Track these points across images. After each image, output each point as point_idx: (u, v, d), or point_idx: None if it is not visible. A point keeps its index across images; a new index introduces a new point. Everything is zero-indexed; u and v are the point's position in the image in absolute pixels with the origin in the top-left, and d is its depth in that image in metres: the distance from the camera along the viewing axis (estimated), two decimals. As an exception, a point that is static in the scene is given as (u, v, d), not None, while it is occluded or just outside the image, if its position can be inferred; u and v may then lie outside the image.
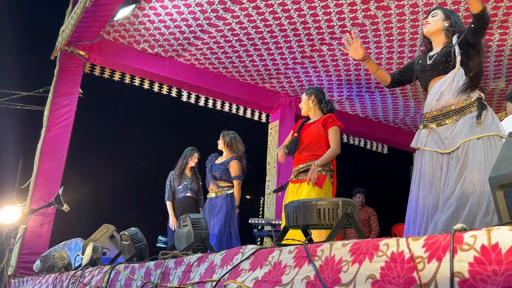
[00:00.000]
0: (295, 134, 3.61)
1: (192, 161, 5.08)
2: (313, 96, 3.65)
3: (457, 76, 2.35)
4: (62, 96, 5.42)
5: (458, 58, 2.37)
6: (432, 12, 2.61)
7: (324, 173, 3.31)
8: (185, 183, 4.97)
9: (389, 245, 1.08)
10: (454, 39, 2.44)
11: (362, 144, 7.89)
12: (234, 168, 4.44)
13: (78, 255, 3.94)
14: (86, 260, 3.32)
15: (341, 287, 1.11)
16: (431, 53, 2.58)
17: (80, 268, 3.29)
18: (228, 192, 4.40)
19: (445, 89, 2.36)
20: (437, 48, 2.56)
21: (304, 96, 3.69)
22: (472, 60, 2.38)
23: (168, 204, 4.88)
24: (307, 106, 3.64)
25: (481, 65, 2.43)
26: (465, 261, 0.90)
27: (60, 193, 4.64)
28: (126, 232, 2.87)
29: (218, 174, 4.44)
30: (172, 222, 4.82)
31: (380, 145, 8.03)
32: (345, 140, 7.73)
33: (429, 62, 2.51)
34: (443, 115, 2.38)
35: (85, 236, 4.74)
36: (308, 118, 3.73)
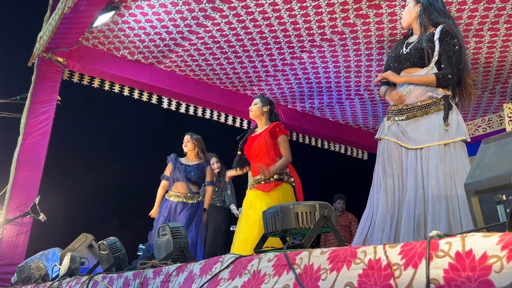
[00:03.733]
0: (239, 152, 3.71)
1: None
2: (268, 106, 3.70)
3: (428, 74, 2.34)
4: (39, 103, 5.32)
5: (436, 58, 2.34)
6: (406, 2, 2.57)
7: (273, 180, 3.36)
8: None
9: (366, 253, 1.08)
10: (437, 34, 2.38)
11: (342, 150, 7.96)
12: (210, 174, 4.58)
13: (56, 265, 3.86)
14: (64, 270, 3.26)
15: (320, 295, 1.11)
16: (409, 40, 2.53)
17: (57, 278, 3.22)
18: (199, 199, 4.48)
19: (414, 85, 2.37)
20: (416, 35, 2.51)
21: (258, 102, 3.70)
22: (444, 60, 2.35)
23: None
24: (260, 111, 3.65)
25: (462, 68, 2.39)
26: (440, 267, 0.92)
27: (37, 202, 4.54)
28: (104, 242, 2.82)
29: (195, 177, 4.44)
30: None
31: (360, 151, 8.12)
32: (326, 146, 7.79)
33: (405, 51, 2.47)
34: (409, 109, 2.37)
35: (63, 246, 4.66)
36: (251, 130, 3.76)
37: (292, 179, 3.45)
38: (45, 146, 5.24)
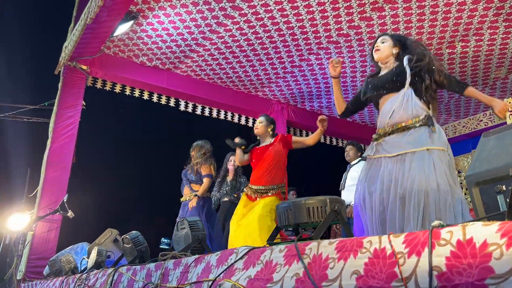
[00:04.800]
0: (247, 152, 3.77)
1: (229, 165, 5.30)
2: (272, 125, 3.77)
3: (406, 95, 2.34)
4: (66, 108, 5.39)
5: (408, 80, 2.36)
6: (381, 38, 2.58)
7: (273, 193, 3.41)
8: (226, 188, 5.14)
9: (372, 242, 1.08)
10: (405, 61, 2.41)
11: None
12: (205, 169, 4.71)
13: (84, 258, 3.90)
14: (91, 263, 3.30)
15: (328, 283, 1.11)
16: (381, 74, 2.56)
17: (85, 271, 3.26)
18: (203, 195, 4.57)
19: (397, 107, 2.36)
20: (385, 71, 2.54)
21: (263, 120, 3.75)
22: (423, 81, 2.38)
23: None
24: (266, 129, 3.71)
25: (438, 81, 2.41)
26: (442, 255, 0.91)
27: (65, 200, 4.60)
28: (128, 236, 2.85)
29: (194, 177, 4.64)
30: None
31: (368, 147, 8.06)
32: (334, 143, 7.75)
33: (379, 81, 2.51)
34: (395, 131, 2.38)
35: (90, 240, 4.70)
36: (255, 144, 3.78)
37: (284, 192, 3.49)
38: (72, 148, 5.31)
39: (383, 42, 2.55)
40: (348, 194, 4.55)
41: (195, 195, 4.52)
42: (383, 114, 2.44)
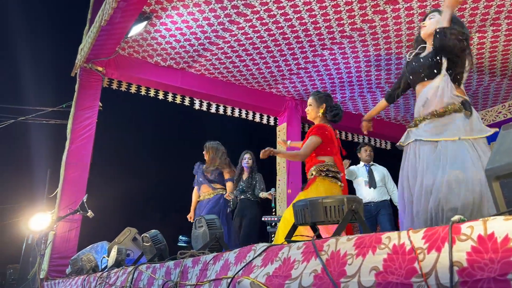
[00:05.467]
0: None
1: (244, 163, 5.43)
2: (324, 104, 3.36)
3: (442, 83, 2.28)
4: (83, 109, 5.47)
5: (444, 65, 2.29)
6: (429, 15, 2.49)
7: (315, 174, 3.22)
8: (243, 186, 5.20)
9: (391, 238, 1.07)
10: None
11: (366, 141, 7.84)
12: (228, 173, 4.89)
13: (104, 257, 3.96)
14: (112, 261, 3.35)
15: (347, 279, 1.10)
16: (422, 55, 2.48)
17: (106, 269, 3.31)
18: (218, 193, 4.69)
19: (431, 95, 2.30)
20: (428, 50, 2.46)
21: (313, 102, 3.40)
22: (456, 66, 2.31)
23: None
24: (316, 114, 3.39)
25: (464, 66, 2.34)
26: (463, 250, 0.89)
27: (85, 200, 4.67)
28: (147, 234, 2.88)
29: (214, 177, 4.77)
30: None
31: (383, 141, 7.99)
32: (350, 138, 7.70)
33: (419, 64, 2.43)
34: (428, 118, 2.33)
35: (110, 239, 4.77)
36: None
37: (328, 173, 3.23)
38: (90, 148, 5.39)
39: (431, 19, 2.46)
40: (379, 192, 4.97)
41: (243, 190, 4.65)
42: (418, 102, 2.39)
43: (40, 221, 5.61)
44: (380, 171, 5.22)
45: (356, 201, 1.56)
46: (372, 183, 5.13)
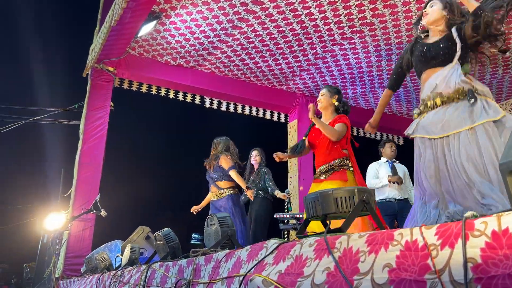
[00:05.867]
0: (304, 138, 3.57)
1: (252, 160, 5.38)
2: (336, 96, 3.45)
3: (452, 70, 2.27)
4: (95, 110, 5.52)
5: (458, 54, 2.28)
6: (430, 2, 2.49)
7: (343, 168, 3.24)
8: (250, 182, 5.17)
9: (403, 235, 1.06)
10: (454, 32, 2.32)
11: (378, 137, 7.79)
12: (225, 162, 4.51)
13: (118, 256, 4.00)
14: (125, 260, 3.38)
15: (360, 276, 1.10)
16: (428, 41, 2.45)
17: (120, 268, 3.35)
18: (228, 193, 4.48)
19: (440, 81, 2.29)
20: (434, 37, 2.44)
21: (326, 92, 3.46)
22: (467, 54, 2.31)
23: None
24: (328, 103, 3.43)
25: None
26: (477, 246, 0.88)
27: (98, 199, 4.73)
28: (159, 233, 2.90)
29: (217, 176, 4.54)
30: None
31: (396, 136, 7.92)
32: (361, 134, 7.65)
33: (429, 51, 2.40)
34: (434, 106, 2.32)
35: (123, 238, 4.82)
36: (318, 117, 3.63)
37: (350, 165, 3.26)
38: (102, 148, 5.44)
39: (432, 6, 2.47)
40: (401, 190, 4.88)
41: (247, 187, 4.49)
42: (425, 88, 2.38)
43: (55, 221, 5.69)
44: (401, 169, 5.12)
45: (367, 192, 1.55)
46: (399, 178, 5.02)
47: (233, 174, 4.44)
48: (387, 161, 5.15)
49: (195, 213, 4.76)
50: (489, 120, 2.11)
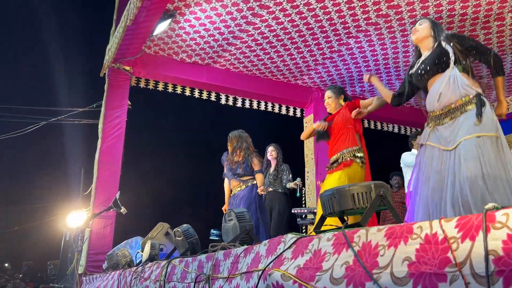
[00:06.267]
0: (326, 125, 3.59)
1: (268, 156, 5.42)
2: (342, 96, 3.56)
3: (452, 76, 2.33)
4: (112, 109, 5.59)
5: (452, 59, 2.36)
6: (419, 21, 2.67)
7: (351, 158, 3.25)
8: (270, 179, 5.18)
9: (422, 228, 1.05)
10: (443, 41, 2.44)
11: (396, 130, 7.70)
12: (257, 164, 4.60)
13: (139, 252, 4.06)
14: (146, 256, 3.42)
15: (379, 270, 1.09)
16: (421, 59, 2.59)
17: (141, 264, 3.39)
18: (248, 184, 4.51)
19: (443, 89, 2.35)
20: (425, 52, 2.57)
21: (332, 94, 3.55)
22: (466, 57, 2.38)
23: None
24: (337, 104, 3.53)
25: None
26: (498, 239, 0.87)
27: (117, 197, 4.79)
28: (179, 229, 2.93)
29: (242, 171, 4.56)
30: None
31: (414, 129, 7.81)
32: (379, 127, 7.57)
33: (422, 66, 2.53)
34: (445, 114, 2.37)
35: (143, 235, 4.88)
36: (327, 117, 3.68)
37: (360, 157, 3.28)
38: (121, 147, 5.51)
39: (421, 24, 2.64)
40: None
41: (259, 187, 4.51)
42: (430, 97, 2.43)
43: (76, 219, 5.80)
44: None
45: (384, 187, 1.54)
46: None
47: (259, 177, 4.50)
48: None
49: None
50: (494, 135, 2.15)
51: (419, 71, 2.54)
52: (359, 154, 3.29)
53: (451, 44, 2.38)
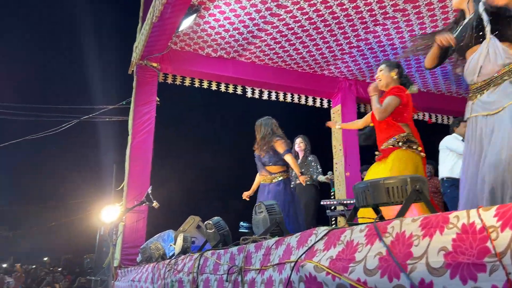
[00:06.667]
0: (371, 124, 3.39)
1: (296, 147, 5.34)
2: (396, 69, 3.18)
3: (491, 46, 2.15)
4: (142, 105, 5.68)
5: (488, 28, 2.16)
6: None
7: (395, 145, 3.00)
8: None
9: (459, 217, 1.02)
10: (481, 7, 2.22)
11: (426, 118, 7.52)
12: (280, 146, 4.25)
13: (171, 245, 4.13)
14: (178, 249, 3.48)
15: (414, 261, 1.07)
16: (463, 22, 2.39)
17: (174, 256, 3.45)
18: (279, 179, 4.28)
19: (483, 61, 2.18)
20: (468, 16, 2.37)
21: (384, 68, 3.22)
22: (505, 25, 2.17)
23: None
24: (390, 79, 3.16)
25: None
26: (541, 227, 0.84)
27: (149, 192, 4.88)
28: (210, 222, 2.96)
29: (268, 160, 4.33)
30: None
31: (445, 116, 7.60)
32: (421, 117, 7.37)
33: (461, 33, 2.34)
34: (487, 83, 2.21)
35: (175, 228, 4.96)
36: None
37: (412, 144, 3.00)
38: (151, 142, 5.61)
39: None
40: None
41: (301, 173, 4.30)
42: (469, 70, 2.29)
43: (110, 213, 5.95)
44: None
45: (421, 181, 1.49)
46: None
47: (288, 158, 4.20)
48: (462, 140, 4.78)
49: (247, 199, 4.67)
50: None
51: (458, 37, 2.34)
52: (410, 138, 3.03)
53: (489, 11, 2.18)
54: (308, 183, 5.41)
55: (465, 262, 0.95)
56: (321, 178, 5.37)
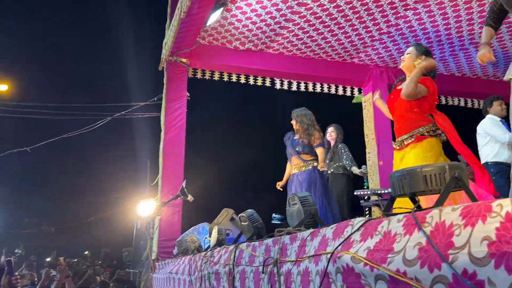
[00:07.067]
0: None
1: (328, 136, 5.40)
2: (423, 56, 3.10)
3: None
4: (173, 101, 5.77)
5: None
6: None
7: (425, 134, 2.98)
8: (329, 160, 5.16)
9: (502, 206, 0.99)
10: None
11: (462, 103, 7.28)
12: (316, 139, 4.53)
13: (206, 237, 4.19)
14: (213, 241, 3.52)
15: (456, 251, 1.05)
16: None
17: (209, 249, 3.50)
18: (309, 167, 4.42)
19: None
20: None
21: (412, 50, 3.16)
22: None
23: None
24: (411, 63, 3.10)
25: None
26: None
27: (184, 186, 4.96)
28: (244, 214, 2.98)
29: (302, 148, 4.50)
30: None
31: (476, 100, 7.33)
32: (443, 102, 7.19)
33: None
34: None
35: (209, 221, 5.02)
36: (398, 80, 3.31)
37: (438, 131, 2.94)
38: (183, 137, 5.69)
39: None
40: None
41: (331, 160, 4.47)
42: None
43: (146, 208, 6.09)
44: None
45: (459, 168, 1.45)
46: None
47: (320, 151, 4.43)
48: (501, 120, 4.48)
49: (281, 190, 4.76)
50: None
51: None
52: (434, 128, 2.99)
53: None
54: (340, 172, 5.37)
55: (511, 251, 0.92)
56: (355, 170, 5.31)
